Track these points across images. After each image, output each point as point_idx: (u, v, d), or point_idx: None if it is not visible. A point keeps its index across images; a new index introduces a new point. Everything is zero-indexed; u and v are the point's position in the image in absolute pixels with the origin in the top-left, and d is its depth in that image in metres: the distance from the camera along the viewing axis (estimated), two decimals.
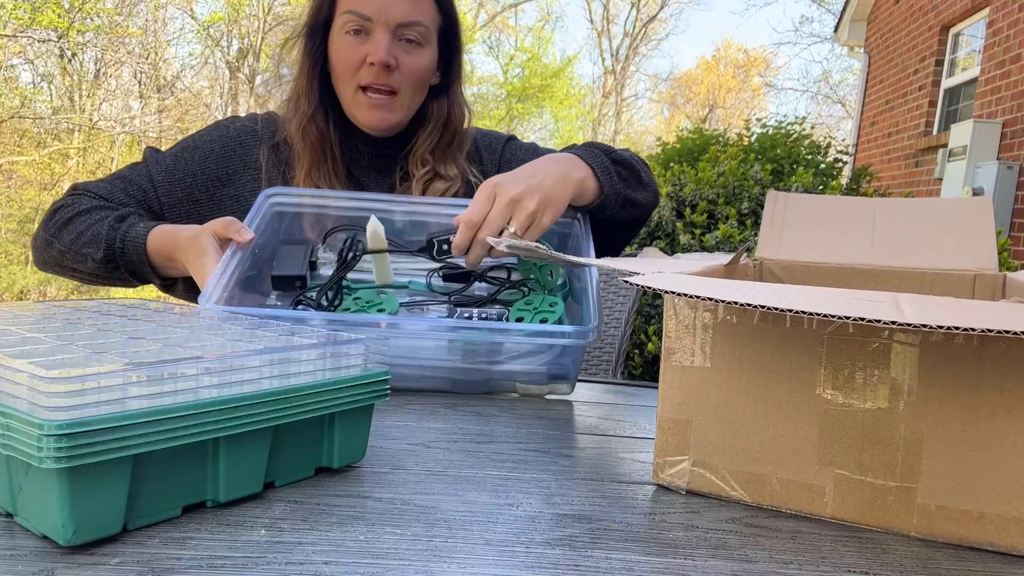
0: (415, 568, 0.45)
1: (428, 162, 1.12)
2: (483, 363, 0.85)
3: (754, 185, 2.69)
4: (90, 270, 1.02)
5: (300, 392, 0.54)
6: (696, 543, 0.51)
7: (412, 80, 1.07)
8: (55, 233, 1.04)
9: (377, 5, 1.01)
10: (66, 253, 1.03)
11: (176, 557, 0.45)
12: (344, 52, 1.04)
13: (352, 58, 1.04)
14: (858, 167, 3.73)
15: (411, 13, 1.03)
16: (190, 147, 1.12)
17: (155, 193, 1.09)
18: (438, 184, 1.13)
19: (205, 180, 1.10)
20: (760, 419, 0.57)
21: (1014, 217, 4.51)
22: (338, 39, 1.05)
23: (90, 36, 9.95)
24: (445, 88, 1.13)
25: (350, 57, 1.04)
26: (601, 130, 18.45)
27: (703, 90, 19.15)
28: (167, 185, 1.09)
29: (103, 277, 1.04)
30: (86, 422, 0.43)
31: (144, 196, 1.09)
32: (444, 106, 1.13)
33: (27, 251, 9.19)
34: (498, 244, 0.82)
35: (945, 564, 0.50)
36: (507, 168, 1.21)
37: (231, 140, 1.12)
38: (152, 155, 1.12)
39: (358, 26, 1.02)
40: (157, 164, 1.11)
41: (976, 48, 5.48)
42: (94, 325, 0.61)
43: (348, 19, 1.02)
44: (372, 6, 1.01)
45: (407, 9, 1.03)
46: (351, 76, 1.05)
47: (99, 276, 1.04)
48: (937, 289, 0.83)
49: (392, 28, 1.02)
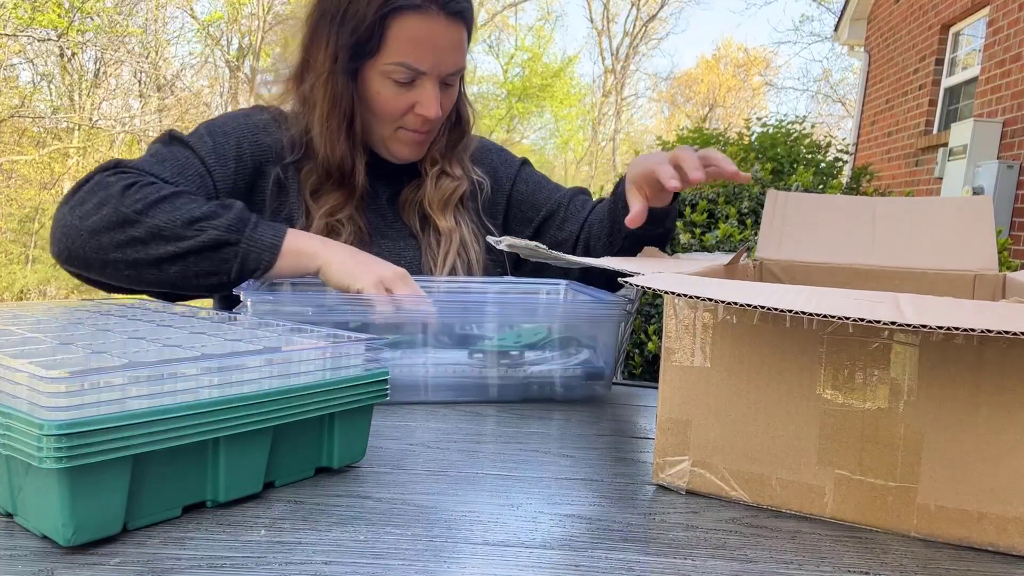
0: (415, 568, 0.45)
1: (437, 162, 1.13)
2: (521, 369, 0.86)
3: (754, 184, 2.68)
4: (181, 249, 0.87)
5: (300, 392, 0.54)
6: (696, 543, 0.51)
7: (446, 115, 1.08)
8: (145, 209, 0.88)
9: (432, 61, 0.99)
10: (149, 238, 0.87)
11: (176, 557, 0.45)
12: (391, 99, 1.01)
13: (399, 106, 1.02)
14: (858, 166, 3.73)
15: (459, 62, 1.03)
16: (221, 133, 1.05)
17: (211, 179, 1.01)
18: (446, 182, 1.12)
19: (244, 169, 1.04)
20: (760, 419, 0.57)
21: (1014, 216, 4.51)
22: (381, 83, 1.01)
23: (90, 35, 9.95)
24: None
25: (397, 105, 1.02)
26: (601, 129, 18.46)
27: (703, 89, 19.15)
28: (220, 169, 1.02)
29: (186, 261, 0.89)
30: (86, 422, 0.43)
31: (202, 181, 1.00)
32: (454, 108, 1.13)
33: (27, 251, 9.19)
34: (498, 244, 0.81)
35: (945, 564, 0.50)
36: (521, 186, 1.21)
37: (260, 131, 1.07)
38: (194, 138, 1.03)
39: (408, 78, 1.00)
40: (202, 146, 1.02)
41: (976, 47, 5.48)
42: (94, 325, 0.61)
43: (398, 70, 0.99)
44: (427, 62, 0.99)
45: (456, 59, 1.02)
46: (394, 120, 1.04)
47: (176, 260, 0.89)
48: (937, 289, 0.83)
49: (441, 78, 1.02)
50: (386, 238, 1.10)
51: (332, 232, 1.04)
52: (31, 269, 8.92)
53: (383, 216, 1.12)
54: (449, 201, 1.13)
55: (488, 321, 0.86)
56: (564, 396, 0.88)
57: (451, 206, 1.13)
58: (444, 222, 1.11)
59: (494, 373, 0.85)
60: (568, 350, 0.88)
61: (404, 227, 1.12)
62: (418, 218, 1.12)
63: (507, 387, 0.85)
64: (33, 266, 9.02)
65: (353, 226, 1.06)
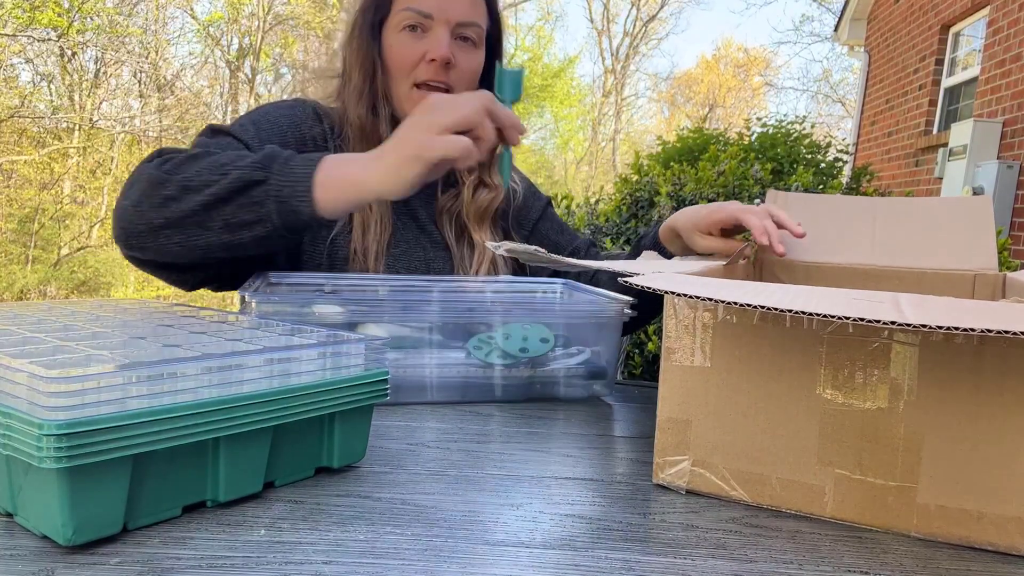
0: (415, 568, 0.45)
1: (475, 169, 1.11)
2: (526, 368, 0.86)
3: (754, 184, 2.68)
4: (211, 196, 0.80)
5: (300, 392, 0.54)
6: (696, 543, 0.51)
7: (467, 80, 1.06)
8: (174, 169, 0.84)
9: (437, 2, 1.00)
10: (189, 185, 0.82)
11: (176, 557, 0.45)
12: (401, 49, 1.02)
13: (410, 55, 1.02)
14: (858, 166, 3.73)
15: (470, 13, 1.02)
16: (266, 122, 1.03)
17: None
18: (483, 192, 1.11)
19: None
20: (760, 419, 0.57)
21: (1014, 216, 4.51)
22: (394, 36, 1.03)
23: (90, 35, 9.95)
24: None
25: (408, 54, 1.02)
26: (601, 129, 18.45)
27: (703, 89, 19.14)
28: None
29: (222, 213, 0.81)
30: (86, 422, 0.43)
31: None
32: None
33: (27, 251, 9.19)
34: (497, 248, 0.81)
35: (945, 564, 0.50)
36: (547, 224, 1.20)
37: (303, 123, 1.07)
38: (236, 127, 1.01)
39: (416, 22, 1.00)
40: (244, 134, 0.99)
41: (976, 47, 5.48)
42: (94, 325, 0.61)
43: (406, 16, 1.00)
44: (432, 2, 1.00)
45: (466, 9, 1.02)
46: (407, 73, 1.03)
47: (212, 210, 0.81)
48: (937, 289, 0.83)
49: (451, 26, 1.01)
50: (418, 246, 1.08)
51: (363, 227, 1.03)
52: (31, 269, 8.92)
53: (416, 219, 1.09)
54: (486, 214, 1.11)
55: (492, 320, 0.85)
56: (567, 395, 0.88)
57: (487, 218, 1.11)
58: (479, 235, 1.09)
59: (498, 373, 0.85)
60: (570, 350, 0.88)
61: (438, 234, 1.10)
62: (454, 229, 1.10)
63: (511, 387, 0.85)
64: (33, 266, 9.02)
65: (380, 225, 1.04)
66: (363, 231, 1.03)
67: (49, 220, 9.41)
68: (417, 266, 1.06)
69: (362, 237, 1.02)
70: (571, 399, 0.88)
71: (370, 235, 1.02)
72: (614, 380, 0.91)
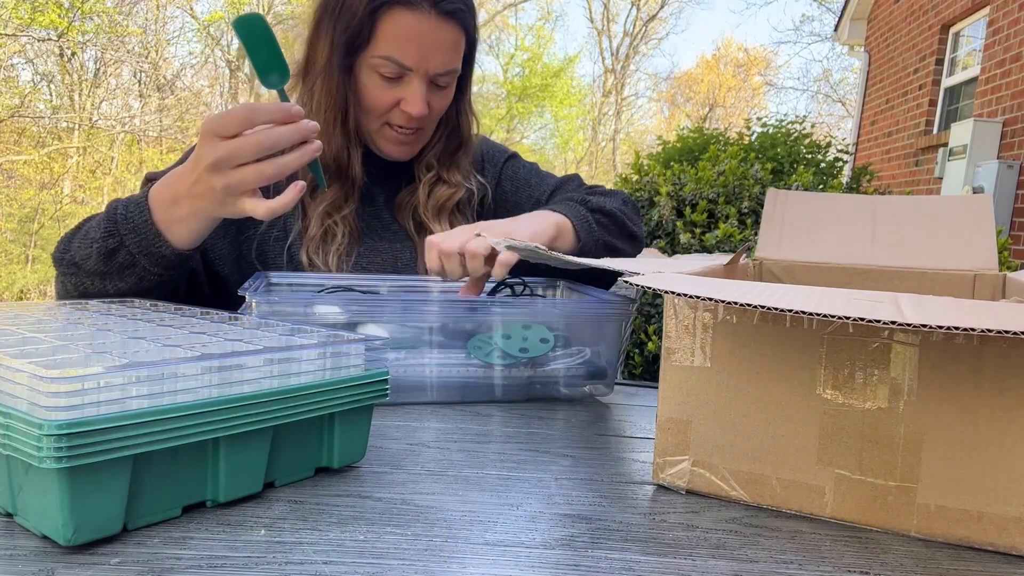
0: (415, 568, 0.45)
1: (433, 167, 1.13)
2: (526, 368, 0.86)
3: (754, 184, 2.68)
4: (94, 268, 0.85)
5: (300, 392, 0.54)
6: (696, 543, 0.51)
7: (437, 117, 1.08)
8: (65, 246, 0.88)
9: (418, 56, 0.98)
10: (76, 258, 0.86)
11: (176, 557, 0.45)
12: (377, 93, 1.02)
13: (385, 101, 1.02)
14: (858, 166, 3.73)
15: (449, 62, 1.02)
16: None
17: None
18: (441, 189, 1.12)
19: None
20: (760, 419, 0.57)
21: (1014, 216, 4.51)
22: (368, 77, 1.01)
23: (90, 35, 9.95)
24: (456, 99, 1.12)
25: (383, 99, 1.02)
26: (601, 129, 18.45)
27: (703, 89, 19.14)
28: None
29: (114, 275, 0.85)
30: (86, 422, 0.43)
31: None
32: (453, 115, 1.12)
33: (27, 251, 9.20)
34: (498, 244, 0.81)
35: (945, 564, 0.50)
36: (507, 184, 1.21)
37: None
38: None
39: (395, 73, 1.00)
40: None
41: (976, 47, 5.48)
42: (94, 325, 0.61)
43: (385, 64, 0.99)
44: (413, 57, 0.98)
45: (446, 59, 1.01)
46: (380, 115, 1.04)
47: (107, 276, 0.86)
48: (937, 289, 0.83)
49: (429, 77, 1.01)
50: (383, 239, 1.10)
51: (328, 234, 1.05)
52: (31, 269, 8.92)
53: (379, 217, 1.12)
54: (443, 208, 1.13)
55: (492, 320, 0.85)
56: (567, 395, 0.88)
57: (445, 212, 1.13)
58: (438, 227, 1.11)
59: (498, 373, 0.85)
60: (570, 350, 0.88)
61: (400, 229, 1.12)
62: (413, 222, 1.12)
63: (511, 387, 0.85)
64: (33, 266, 9.02)
65: (347, 227, 1.07)
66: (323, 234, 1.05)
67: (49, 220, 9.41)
68: (385, 259, 1.08)
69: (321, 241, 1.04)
70: (571, 399, 0.88)
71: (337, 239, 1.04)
72: (614, 380, 0.91)
